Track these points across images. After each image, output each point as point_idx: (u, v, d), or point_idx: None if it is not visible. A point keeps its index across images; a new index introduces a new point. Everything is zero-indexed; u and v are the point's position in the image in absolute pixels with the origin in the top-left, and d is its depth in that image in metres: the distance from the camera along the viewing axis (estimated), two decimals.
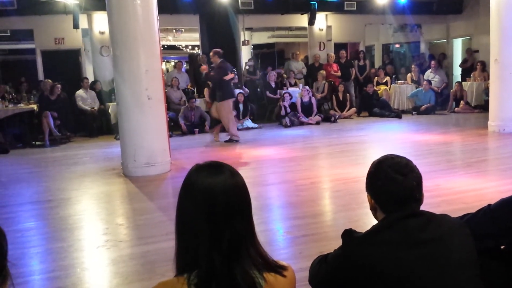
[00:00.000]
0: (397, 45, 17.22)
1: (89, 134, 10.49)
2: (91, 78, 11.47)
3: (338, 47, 14.04)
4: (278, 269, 1.35)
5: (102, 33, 11.54)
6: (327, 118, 11.49)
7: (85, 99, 10.71)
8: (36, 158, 8.46)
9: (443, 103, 12.77)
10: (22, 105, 10.28)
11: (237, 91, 11.24)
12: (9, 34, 13.42)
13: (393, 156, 1.71)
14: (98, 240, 4.04)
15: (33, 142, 9.64)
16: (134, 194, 5.60)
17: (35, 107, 10.10)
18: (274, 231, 4.08)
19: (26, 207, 5.28)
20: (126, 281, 3.23)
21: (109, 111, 10.42)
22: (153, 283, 1.35)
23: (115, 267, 3.47)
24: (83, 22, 11.40)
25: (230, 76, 8.82)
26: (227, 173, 1.33)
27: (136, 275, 3.31)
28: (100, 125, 10.72)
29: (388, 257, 1.53)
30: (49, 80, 10.39)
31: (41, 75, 11.84)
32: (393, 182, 1.62)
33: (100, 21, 11.43)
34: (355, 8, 13.33)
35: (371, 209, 1.74)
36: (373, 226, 1.66)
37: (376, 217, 1.72)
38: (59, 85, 10.09)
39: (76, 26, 10.92)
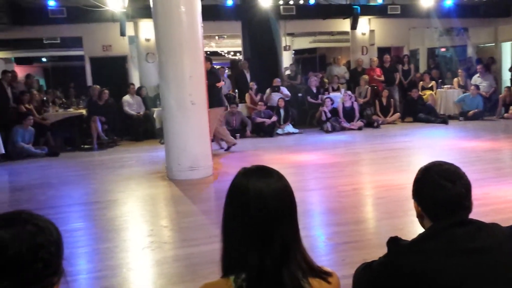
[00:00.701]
0: (443, 49, 16.76)
1: (135, 138, 10.79)
2: (137, 84, 11.80)
3: (382, 51, 13.82)
4: (323, 275, 1.35)
5: (147, 40, 11.86)
6: (369, 124, 11.33)
7: (131, 104, 11.03)
8: (85, 161, 8.78)
9: (492, 109, 12.31)
10: (71, 110, 10.71)
11: (277, 96, 11.29)
12: (59, 42, 13.99)
13: (441, 162, 1.68)
14: (143, 242, 4.15)
15: (82, 146, 10.00)
16: (178, 197, 5.71)
17: (83, 112, 10.49)
18: (315, 237, 4.06)
19: (75, 208, 5.50)
20: (170, 282, 3.30)
21: (154, 116, 10.68)
22: (196, 285, 1.38)
23: (159, 268, 3.56)
24: (129, 29, 11.76)
25: (221, 83, 8.67)
26: (275, 177, 1.35)
27: (179, 276, 3.38)
28: (145, 130, 10.99)
29: (435, 266, 1.50)
30: (97, 86, 10.77)
31: (89, 81, 12.29)
32: (441, 189, 1.59)
33: (146, 29, 11.76)
34: (399, 12, 13.09)
35: (418, 216, 1.71)
36: (420, 234, 1.63)
37: (423, 225, 1.69)
38: (106, 91, 10.45)
39: (123, 33, 11.28)
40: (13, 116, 9.65)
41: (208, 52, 18.62)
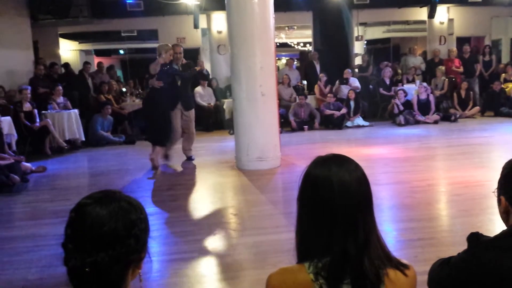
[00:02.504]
0: None
1: (205, 128, 11.05)
2: None
3: (461, 41, 13.11)
4: (400, 266, 1.34)
5: (219, 32, 12.08)
6: (446, 117, 10.79)
7: (202, 95, 11.30)
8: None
9: None
10: None
11: (347, 88, 11.06)
12: (135, 34, 14.60)
13: None
14: (214, 228, 4.26)
15: None
16: (246, 187, 5.80)
17: None
18: (386, 233, 3.95)
19: (149, 194, 5.75)
20: (241, 267, 3.37)
21: (224, 107, 10.87)
22: (266, 272, 1.40)
23: (230, 254, 3.64)
24: (202, 22, 12.04)
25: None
26: (353, 164, 1.35)
27: (249, 263, 3.44)
28: (215, 120, 11.23)
29: None
30: None
31: None
32: None
33: (218, 21, 11.98)
34: (480, 0, 12.34)
35: (502, 213, 1.63)
36: (505, 230, 1.56)
37: (506, 222, 1.60)
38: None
39: (196, 26, 11.57)
40: (93, 105, 10.25)
41: (278, 44, 18.70)
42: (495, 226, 1.51)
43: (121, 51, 17.36)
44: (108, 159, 8.24)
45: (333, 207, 1.28)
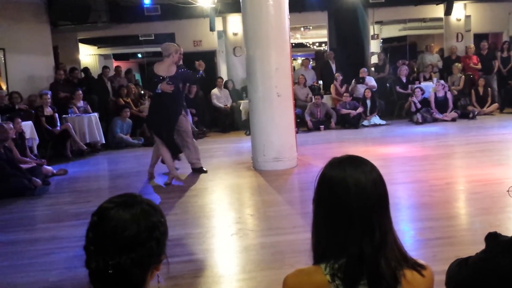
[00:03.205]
0: None
1: (222, 130, 11.14)
2: (224, 78, 12.14)
3: (478, 38, 12.92)
4: (417, 267, 1.34)
5: (235, 34, 12.15)
6: (464, 115, 10.67)
7: (219, 97, 11.38)
8: None
9: None
10: None
11: (363, 87, 11.02)
12: (153, 38, 14.74)
13: None
14: (232, 228, 4.31)
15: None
16: (263, 187, 5.83)
17: None
18: (403, 232, 3.94)
19: (167, 195, 5.82)
20: (258, 268, 3.40)
21: (240, 108, 10.94)
22: (284, 272, 1.42)
23: (247, 254, 3.68)
24: (218, 25, 12.12)
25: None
26: (369, 166, 1.36)
27: (267, 263, 3.47)
28: (232, 122, 11.30)
29: None
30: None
31: None
32: None
33: (233, 23, 12.04)
34: None
35: None
36: None
37: None
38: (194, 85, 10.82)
39: (212, 28, 11.66)
40: (113, 108, 10.41)
41: (294, 44, 18.67)
42: None
43: (139, 55, 17.56)
44: (128, 162, 8.37)
45: (349, 208, 1.29)
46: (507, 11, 13.27)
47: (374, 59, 13.10)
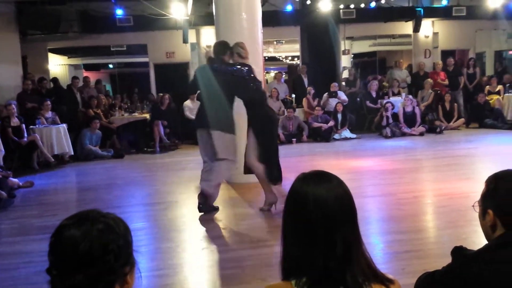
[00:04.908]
0: (511, 52, 15.90)
1: (194, 142, 10.99)
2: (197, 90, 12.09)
3: (445, 54, 13.35)
4: (385, 281, 1.35)
5: (209, 47, 12.14)
6: (432, 129, 10.95)
7: (192, 109, 11.31)
8: (148, 163, 9.13)
9: None
10: (136, 114, 11.18)
11: (334, 101, 11.18)
12: (125, 49, 14.64)
13: None
14: (203, 242, 4.27)
15: (145, 149, 10.40)
16: (235, 200, 5.82)
17: (147, 116, 10.92)
18: (373, 245, 3.99)
19: (138, 208, 5.75)
20: (229, 282, 3.38)
21: None
22: (255, 286, 1.42)
23: (218, 269, 3.65)
24: (191, 37, 12.12)
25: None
26: (334, 182, 1.37)
27: (237, 278, 3.45)
28: None
29: (504, 277, 1.46)
30: (161, 94, 11.17)
31: (153, 87, 12.77)
32: None
33: (207, 36, 12.06)
34: (464, 14, 12.61)
35: (489, 226, 1.64)
36: (488, 243, 1.60)
37: (492, 235, 1.64)
38: (167, 96, 10.76)
39: (185, 40, 11.65)
40: (82, 119, 10.23)
41: (266, 57, 18.83)
42: (481, 237, 1.55)
43: (111, 66, 17.38)
44: (97, 174, 8.22)
45: (310, 223, 1.30)
46: (473, 29, 13.78)
47: (345, 74, 13.35)
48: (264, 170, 5.07)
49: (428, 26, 13.28)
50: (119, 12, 11.42)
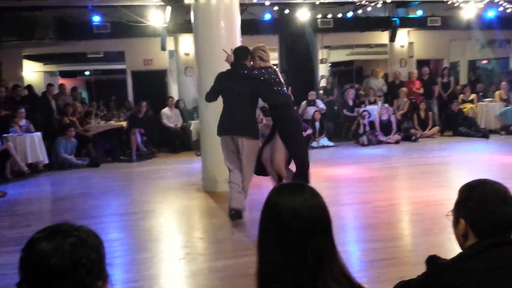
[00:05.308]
0: (485, 61, 16.33)
1: (172, 150, 10.99)
2: (175, 97, 12.05)
3: (421, 64, 13.62)
4: None
5: (187, 54, 12.13)
6: (407, 137, 11.13)
7: (169, 117, 11.26)
8: (124, 172, 9.01)
9: None
10: (112, 122, 11.05)
11: (312, 109, 11.26)
12: (102, 56, 14.49)
13: (490, 181, 1.68)
14: (180, 253, 4.23)
15: (121, 157, 10.27)
16: (213, 209, 5.78)
17: (124, 124, 10.80)
18: (349, 253, 4.02)
19: (114, 218, 5.66)
20: None
21: (191, 128, 10.86)
22: None
23: (196, 280, 3.62)
24: (169, 44, 12.08)
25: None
26: (308, 193, 1.37)
27: None
28: (182, 142, 11.18)
29: (476, 285, 1.48)
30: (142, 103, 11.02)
31: (130, 94, 12.66)
32: (499, 207, 1.59)
33: (185, 43, 12.03)
34: (439, 24, 12.89)
35: (461, 235, 1.67)
36: (462, 252, 1.62)
37: (462, 245, 1.67)
38: (144, 103, 10.64)
39: (163, 48, 11.60)
40: (57, 127, 10.06)
41: None
42: (455, 245, 1.59)
43: (87, 73, 17.17)
44: (72, 183, 8.08)
45: (284, 234, 1.30)
46: (448, 39, 14.11)
47: (323, 82, 13.48)
48: (294, 174, 4.91)
49: (403, 36, 13.53)
50: (96, 18, 11.29)
